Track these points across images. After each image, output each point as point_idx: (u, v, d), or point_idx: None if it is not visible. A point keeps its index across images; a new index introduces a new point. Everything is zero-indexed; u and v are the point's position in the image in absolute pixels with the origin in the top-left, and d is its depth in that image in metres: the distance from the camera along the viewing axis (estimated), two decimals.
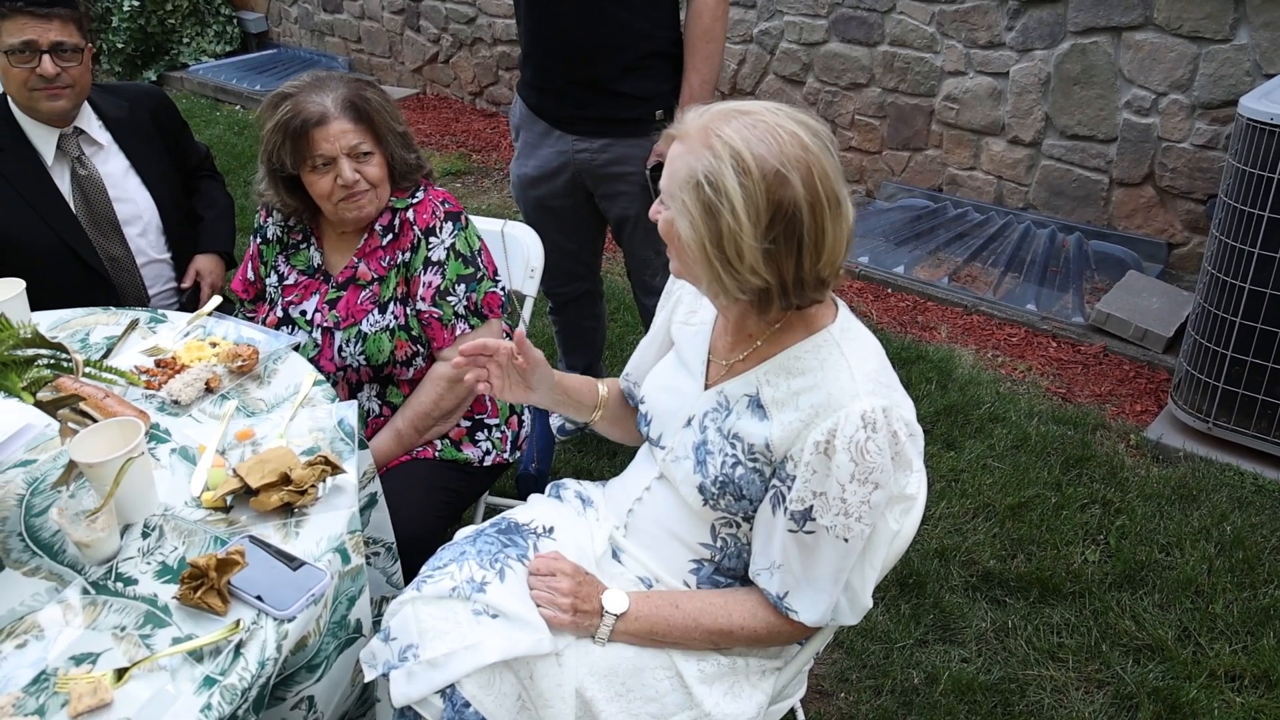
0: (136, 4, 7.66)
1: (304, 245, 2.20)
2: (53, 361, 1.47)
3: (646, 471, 1.71)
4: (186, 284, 2.64)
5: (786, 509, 1.44)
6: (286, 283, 2.19)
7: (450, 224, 2.12)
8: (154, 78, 7.80)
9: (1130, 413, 3.33)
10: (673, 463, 1.61)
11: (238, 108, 7.04)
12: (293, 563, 1.43)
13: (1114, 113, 4.06)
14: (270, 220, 2.23)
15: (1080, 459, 3.05)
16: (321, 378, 1.90)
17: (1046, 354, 3.71)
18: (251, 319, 2.22)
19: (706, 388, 1.60)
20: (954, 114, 4.53)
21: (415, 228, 2.10)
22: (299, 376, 1.91)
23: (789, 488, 1.44)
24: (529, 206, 2.73)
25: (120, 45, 7.71)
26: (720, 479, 1.52)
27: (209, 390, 1.86)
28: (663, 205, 1.45)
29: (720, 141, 1.35)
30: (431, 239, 2.09)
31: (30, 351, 1.45)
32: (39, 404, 1.43)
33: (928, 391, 3.38)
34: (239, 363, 1.89)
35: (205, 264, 2.67)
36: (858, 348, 1.48)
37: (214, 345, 1.99)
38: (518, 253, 2.47)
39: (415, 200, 2.13)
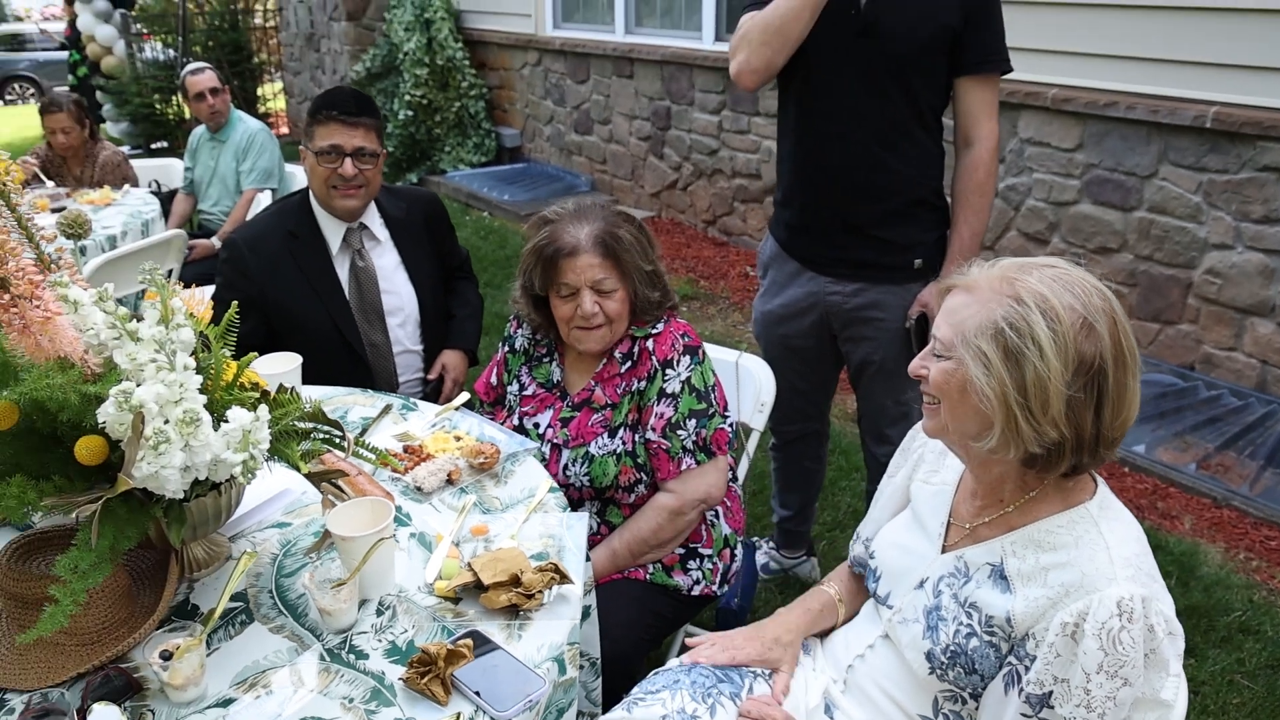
0: (410, 114, 8.44)
1: (547, 360, 2.31)
2: (326, 437, 1.60)
3: (870, 629, 1.67)
4: (432, 376, 2.83)
5: (1022, 690, 1.38)
6: (525, 393, 2.30)
7: (688, 358, 2.17)
8: (414, 180, 8.51)
9: None
10: (900, 624, 1.57)
11: (485, 214, 7.55)
12: (513, 665, 1.48)
13: None
14: (520, 331, 2.36)
15: None
16: (556, 485, 1.97)
17: None
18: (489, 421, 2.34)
19: (944, 550, 1.57)
20: (1215, 289, 4.32)
21: (654, 358, 2.16)
22: (535, 481, 1.99)
23: (1027, 668, 1.38)
24: (770, 343, 2.76)
25: (390, 149, 8.49)
26: (952, 649, 1.47)
27: (450, 481, 1.97)
28: (937, 358, 1.45)
29: (1025, 289, 1.36)
30: (668, 371, 2.15)
31: (309, 425, 1.58)
32: (308, 475, 1.56)
33: (1166, 587, 3.13)
34: (481, 459, 1.99)
35: (451, 359, 2.86)
36: (1118, 529, 1.42)
37: (458, 439, 2.10)
38: (749, 386, 2.51)
39: (656, 331, 2.19)
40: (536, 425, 2.23)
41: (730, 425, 2.21)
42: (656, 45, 7.00)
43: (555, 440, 2.19)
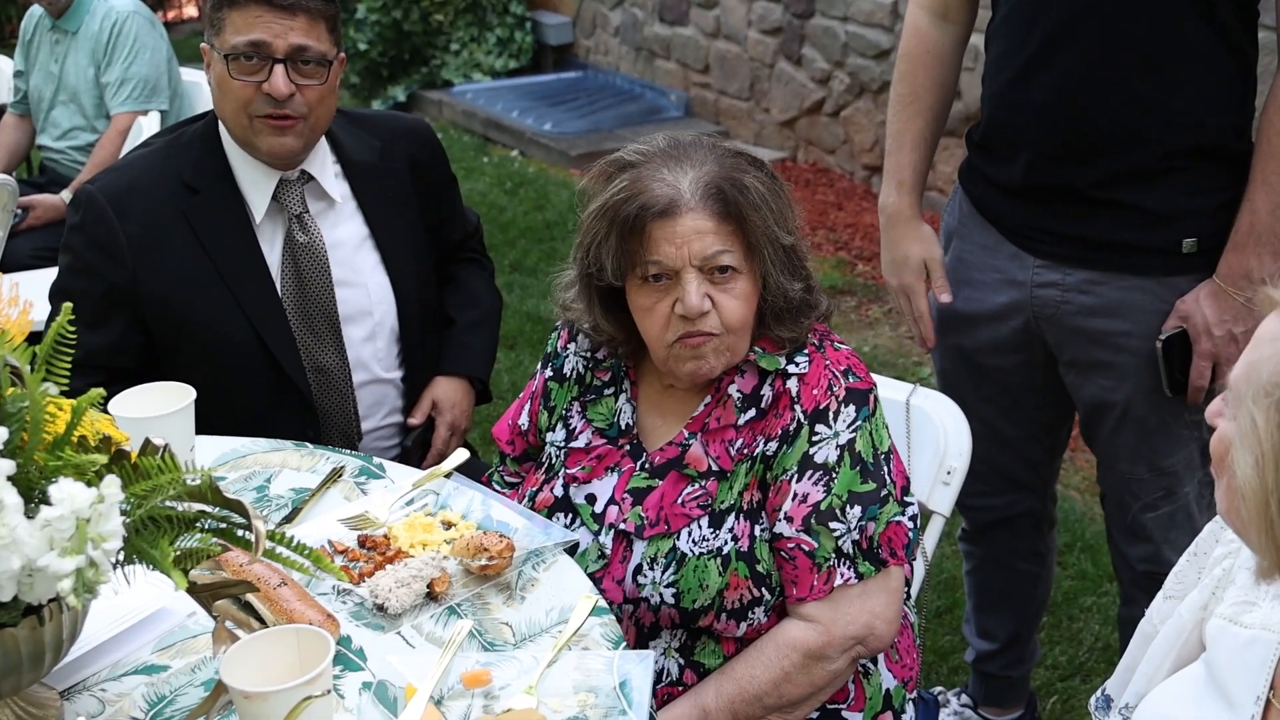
0: None
1: (610, 391, 2.28)
2: (224, 528, 1.56)
3: None
4: (416, 420, 2.82)
5: None
6: (575, 444, 2.27)
7: (852, 408, 2.12)
8: (402, 97, 8.59)
9: None
10: None
11: (514, 153, 7.60)
12: None
13: None
14: (571, 347, 2.33)
15: None
16: (604, 604, 1.93)
17: None
18: (513, 488, 2.32)
19: None
20: None
21: (798, 406, 2.12)
22: (570, 597, 1.95)
23: None
24: (949, 359, 2.77)
25: (363, 47, 8.54)
26: None
27: (431, 597, 1.93)
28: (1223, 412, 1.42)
29: None
30: (819, 427, 2.10)
31: (196, 507, 1.54)
32: (192, 588, 1.52)
33: None
34: (483, 560, 1.95)
35: (447, 392, 2.84)
36: None
37: (448, 526, 2.08)
38: (927, 439, 2.48)
39: (801, 364, 2.15)
40: (590, 499, 2.20)
41: (912, 517, 2.17)
42: None
43: (622, 525, 2.16)
